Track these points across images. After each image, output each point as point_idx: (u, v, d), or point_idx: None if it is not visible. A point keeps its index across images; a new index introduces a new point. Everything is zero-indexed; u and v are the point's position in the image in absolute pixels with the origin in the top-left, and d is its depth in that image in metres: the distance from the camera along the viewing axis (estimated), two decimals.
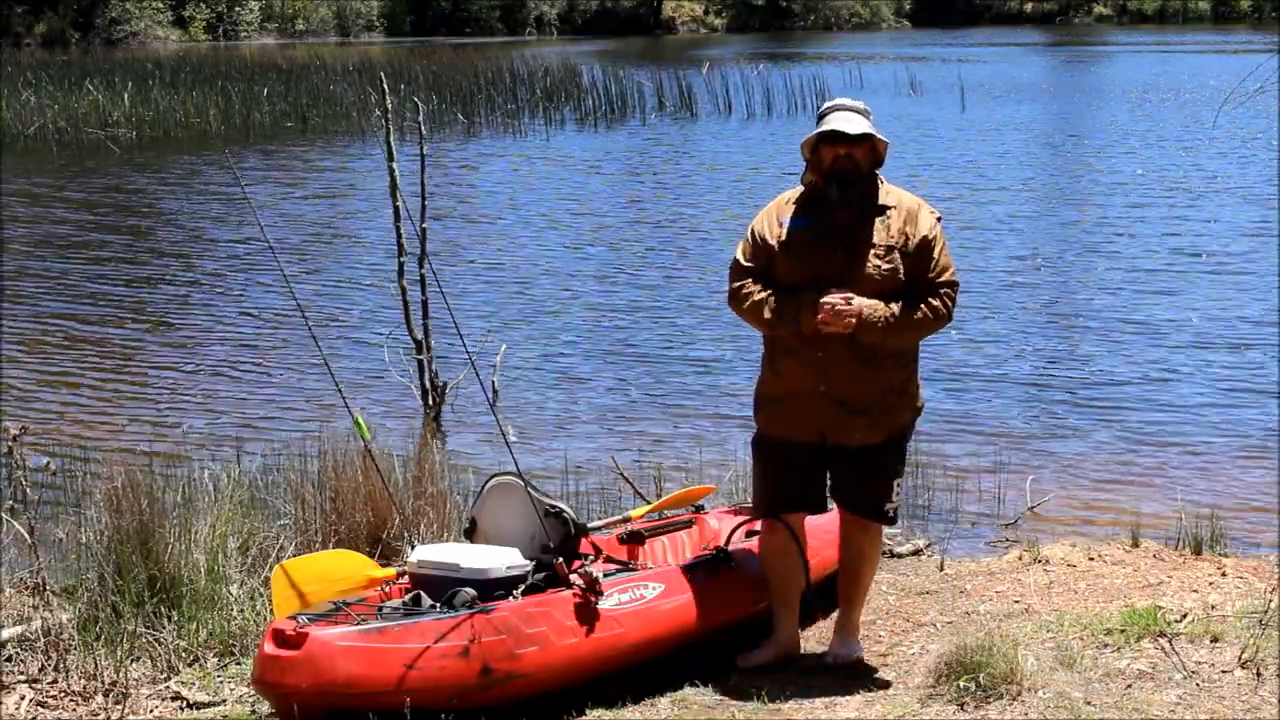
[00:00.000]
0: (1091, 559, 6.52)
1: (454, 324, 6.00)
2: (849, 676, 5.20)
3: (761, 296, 5.09)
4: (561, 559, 5.06)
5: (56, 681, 5.13)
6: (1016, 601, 5.98)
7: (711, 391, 10.05)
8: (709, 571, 5.41)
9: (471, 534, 5.39)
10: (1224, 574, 6.22)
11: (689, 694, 5.04)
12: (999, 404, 9.68)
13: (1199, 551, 6.60)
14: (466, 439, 9.02)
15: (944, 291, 5.10)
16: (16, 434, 6.00)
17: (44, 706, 4.99)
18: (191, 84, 31.06)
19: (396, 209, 9.19)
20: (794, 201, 5.20)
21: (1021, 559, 6.56)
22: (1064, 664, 5.05)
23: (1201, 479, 8.11)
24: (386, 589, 5.09)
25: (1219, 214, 16.91)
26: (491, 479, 5.43)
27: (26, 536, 5.77)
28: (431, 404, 9.23)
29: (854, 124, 5.07)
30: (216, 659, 5.35)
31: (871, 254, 5.05)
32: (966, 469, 8.10)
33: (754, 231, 5.20)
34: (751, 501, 5.64)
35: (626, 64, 37.89)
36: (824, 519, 5.46)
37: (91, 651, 5.17)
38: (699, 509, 6.19)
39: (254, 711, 4.93)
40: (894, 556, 6.61)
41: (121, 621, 5.34)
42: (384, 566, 5.34)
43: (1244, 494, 7.84)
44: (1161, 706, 4.72)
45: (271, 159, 24.18)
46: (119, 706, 4.95)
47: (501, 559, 5.05)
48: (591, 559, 5.38)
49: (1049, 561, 6.48)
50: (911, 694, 4.97)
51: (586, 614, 4.96)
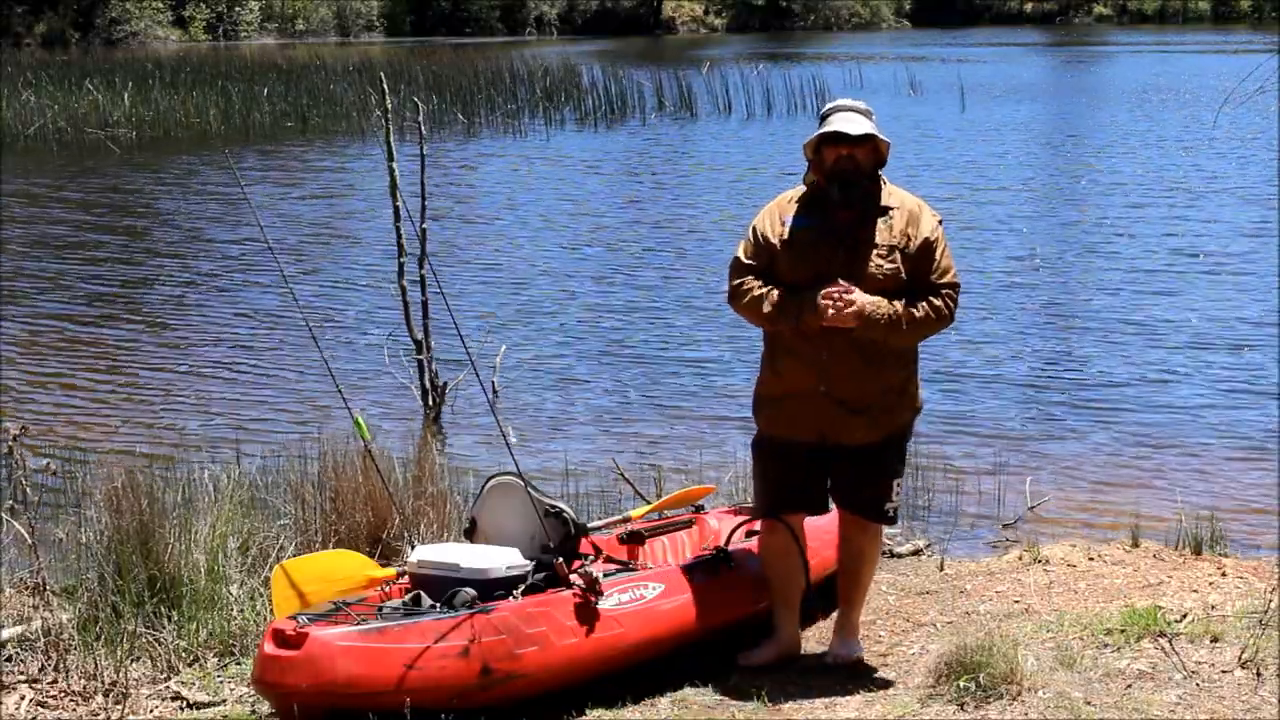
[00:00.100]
0: (1091, 559, 6.52)
1: (454, 324, 6.01)
2: (849, 676, 5.20)
3: (761, 292, 5.09)
4: (561, 559, 5.06)
5: (56, 681, 5.13)
6: (1016, 601, 5.97)
7: (711, 392, 10.05)
8: (709, 571, 5.41)
9: (471, 534, 5.39)
10: (1224, 574, 6.22)
11: (689, 694, 5.04)
12: (999, 404, 9.68)
13: (1199, 551, 6.60)
14: (466, 439, 9.02)
15: (945, 293, 5.10)
16: (16, 434, 6.00)
17: (44, 706, 4.99)
18: (191, 84, 31.05)
19: (396, 209, 9.19)
20: (796, 200, 5.20)
21: (1021, 559, 6.56)
22: (1064, 664, 5.05)
23: (1201, 479, 8.11)
24: (386, 589, 5.09)
25: (1219, 214, 16.90)
26: (491, 479, 5.43)
27: (26, 536, 5.77)
28: (431, 404, 9.23)
29: (856, 124, 5.07)
30: (216, 659, 5.35)
31: (874, 254, 5.05)
32: (966, 469, 8.10)
33: (755, 230, 5.20)
34: (752, 502, 5.65)
35: (626, 64, 37.88)
36: (824, 519, 5.46)
37: (91, 651, 5.17)
38: (699, 509, 6.19)
39: (254, 711, 4.93)
40: (894, 556, 6.61)
41: (121, 621, 5.34)
42: (384, 566, 5.34)
43: (1244, 494, 7.84)
44: (1161, 706, 4.72)
45: (271, 159, 24.17)
46: (119, 706, 4.95)
47: (501, 559, 5.05)
48: (591, 559, 5.38)
49: (1049, 561, 6.48)
50: (911, 694, 4.97)
51: (586, 614, 4.96)
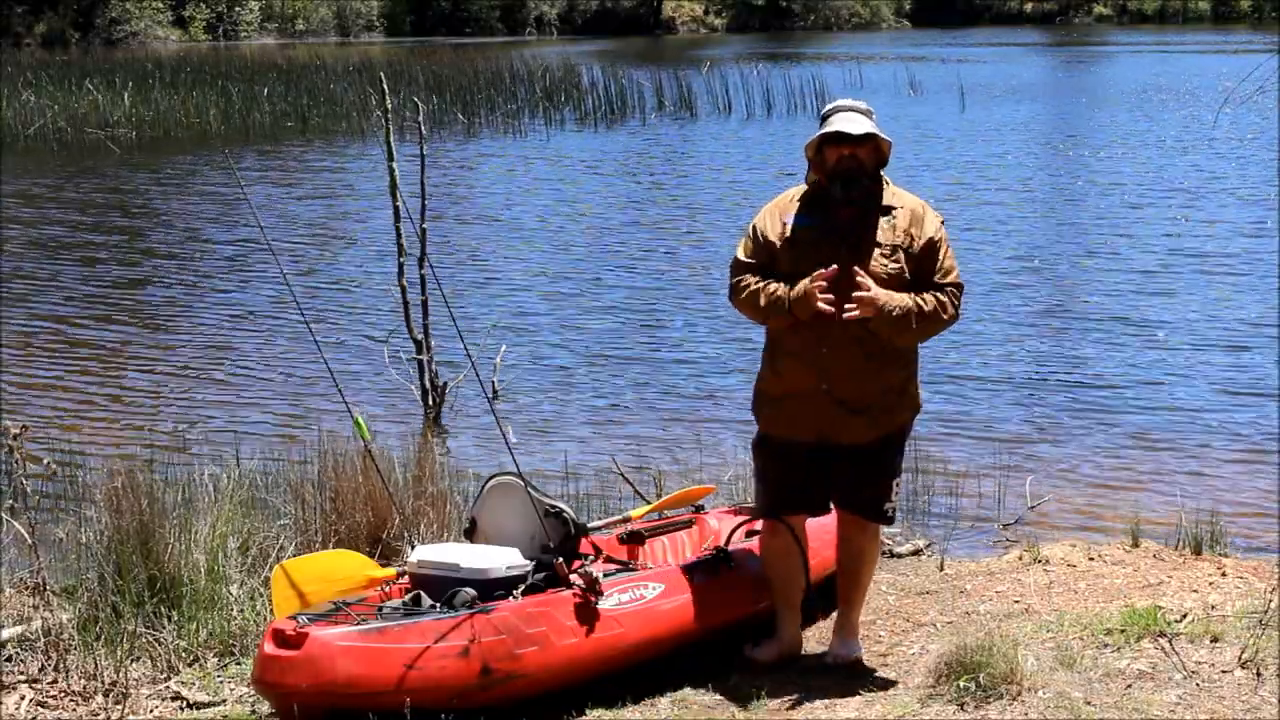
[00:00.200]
0: (1091, 559, 6.51)
1: (454, 324, 6.00)
2: (849, 676, 5.20)
3: (758, 287, 5.09)
4: (561, 559, 5.06)
5: (56, 681, 5.13)
6: (1016, 601, 5.97)
7: (711, 392, 10.05)
8: (709, 571, 5.41)
9: (471, 534, 5.39)
10: (1224, 574, 6.22)
11: (689, 694, 5.04)
12: (998, 405, 9.68)
13: (1199, 552, 6.59)
14: (466, 439, 9.02)
15: (950, 292, 5.10)
16: (17, 434, 5.99)
17: (44, 706, 4.99)
18: (191, 84, 31.07)
19: (396, 209, 9.19)
20: (798, 199, 5.19)
21: (1021, 559, 6.56)
22: (1064, 664, 5.05)
23: (1201, 480, 8.10)
24: (386, 589, 5.09)
25: (1218, 214, 16.90)
26: (491, 479, 5.43)
27: (26, 536, 5.77)
28: (431, 404, 9.23)
29: (857, 124, 5.07)
30: (216, 659, 5.35)
31: (877, 253, 5.04)
32: (966, 470, 8.10)
33: (756, 229, 5.20)
34: (752, 502, 5.65)
35: (626, 64, 37.90)
36: (824, 519, 5.46)
37: (91, 651, 5.17)
38: (699, 509, 6.18)
39: (254, 711, 4.93)
40: (894, 556, 6.61)
41: (121, 621, 5.34)
42: (384, 566, 5.34)
43: (1244, 495, 7.83)
44: (1161, 706, 4.72)
45: (271, 159, 24.17)
46: (119, 706, 4.95)
47: (501, 559, 5.05)
48: (591, 559, 5.38)
49: (1049, 561, 6.48)
50: (911, 694, 4.97)
51: (586, 614, 4.96)
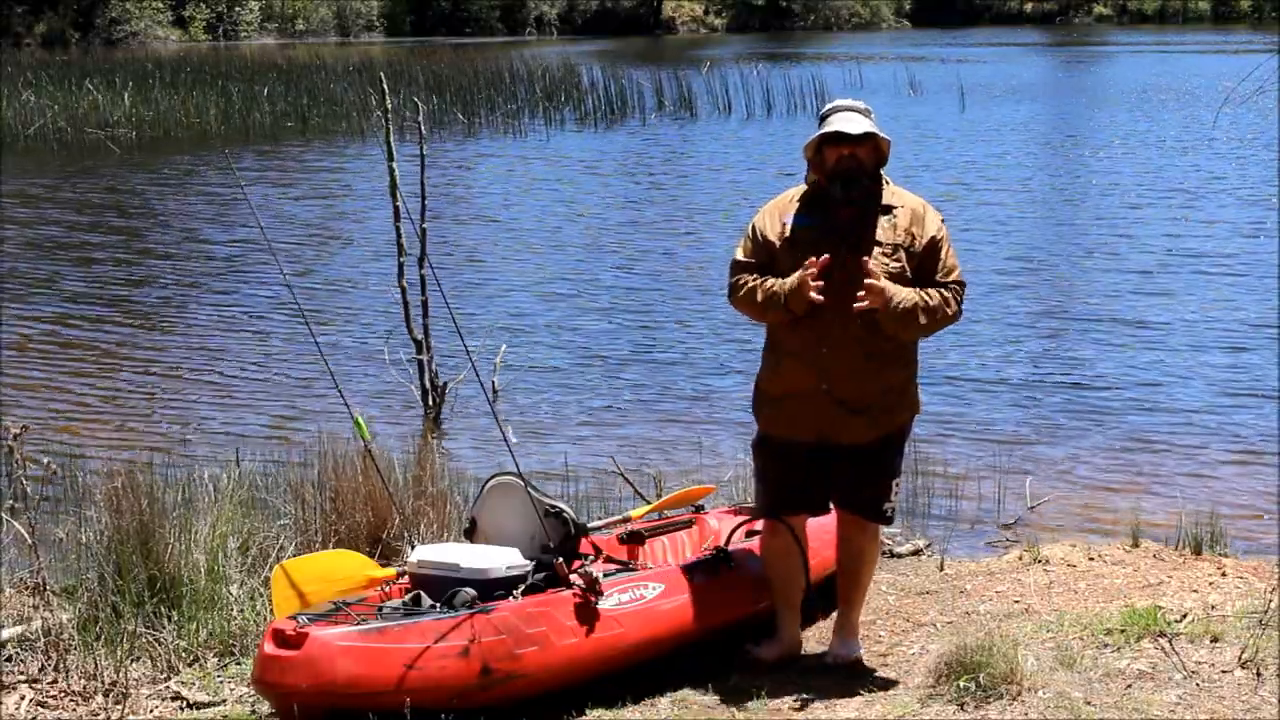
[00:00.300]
0: (1091, 559, 6.51)
1: (454, 324, 6.00)
2: (849, 676, 5.20)
3: (755, 284, 5.09)
4: (561, 559, 5.06)
5: (56, 681, 5.13)
6: (1016, 601, 5.97)
7: (711, 392, 10.05)
8: (709, 571, 5.41)
9: (471, 534, 5.39)
10: (1224, 574, 6.22)
11: (689, 694, 5.03)
12: (998, 405, 9.68)
13: (1199, 552, 6.59)
14: (466, 439, 9.02)
15: (953, 290, 5.09)
16: (17, 434, 5.99)
17: (44, 706, 4.99)
18: (191, 84, 31.06)
19: (396, 209, 9.19)
20: (797, 200, 5.19)
21: (1021, 559, 6.56)
22: (1064, 664, 5.05)
23: (1201, 480, 8.10)
24: (386, 589, 5.09)
25: (1218, 215, 16.90)
26: (491, 479, 5.43)
27: (26, 536, 5.76)
28: (431, 404, 9.23)
29: (856, 124, 5.07)
30: (216, 659, 5.35)
31: (877, 252, 5.04)
32: (966, 470, 8.10)
33: (755, 229, 5.20)
34: (752, 502, 5.64)
35: (626, 64, 37.90)
36: (824, 519, 5.46)
37: (91, 651, 5.17)
38: (699, 509, 6.19)
39: (254, 711, 4.93)
40: (894, 556, 6.61)
41: (121, 621, 5.34)
42: (384, 566, 5.34)
43: (1243, 495, 7.83)
44: (1161, 706, 4.72)
45: (271, 159, 24.17)
46: (119, 706, 4.95)
47: (501, 559, 5.05)
48: (591, 559, 5.38)
49: (1049, 561, 6.48)
50: (911, 694, 4.97)
51: (586, 614, 4.96)
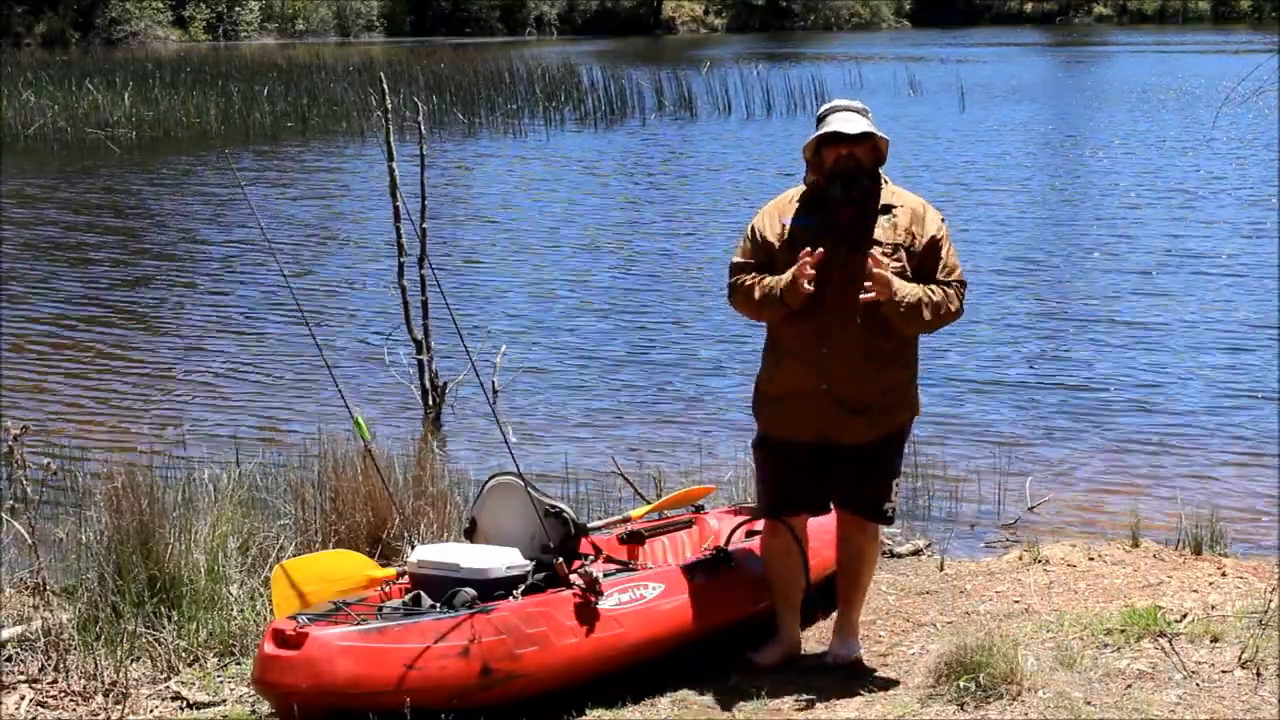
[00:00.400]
0: (1091, 559, 6.51)
1: (454, 324, 6.00)
2: (849, 676, 5.20)
3: (753, 282, 5.09)
4: (561, 559, 5.06)
5: (56, 681, 5.13)
6: (1016, 601, 5.97)
7: (711, 392, 10.05)
8: (709, 571, 5.41)
9: (471, 534, 5.39)
10: (1224, 574, 6.22)
11: (689, 694, 5.03)
12: (998, 406, 9.67)
13: (1199, 551, 6.59)
14: (466, 439, 9.02)
15: (955, 287, 5.09)
16: (17, 434, 5.99)
17: (44, 706, 4.99)
18: (191, 84, 31.07)
19: (396, 209, 9.19)
20: (797, 200, 5.19)
21: (1021, 559, 6.56)
22: (1064, 664, 5.05)
23: (1201, 480, 8.10)
24: (386, 589, 5.09)
25: (1218, 215, 16.90)
26: (491, 479, 5.43)
27: (26, 536, 5.76)
28: (431, 404, 9.23)
29: (854, 124, 5.06)
30: (216, 659, 5.35)
31: (878, 251, 5.03)
32: (966, 470, 8.10)
33: (754, 229, 5.20)
34: (753, 502, 5.64)
35: (626, 64, 37.91)
36: (824, 519, 5.46)
37: (91, 651, 5.17)
38: (699, 509, 6.19)
39: (254, 711, 4.93)
40: (894, 556, 6.61)
41: (121, 621, 5.34)
42: (384, 566, 5.34)
43: (1244, 495, 7.83)
44: (1161, 706, 4.72)
45: (271, 159, 24.16)
46: (119, 706, 4.95)
47: (501, 559, 5.05)
48: (591, 559, 5.38)
49: (1049, 561, 6.48)
50: (911, 694, 4.97)
51: (586, 614, 4.96)
